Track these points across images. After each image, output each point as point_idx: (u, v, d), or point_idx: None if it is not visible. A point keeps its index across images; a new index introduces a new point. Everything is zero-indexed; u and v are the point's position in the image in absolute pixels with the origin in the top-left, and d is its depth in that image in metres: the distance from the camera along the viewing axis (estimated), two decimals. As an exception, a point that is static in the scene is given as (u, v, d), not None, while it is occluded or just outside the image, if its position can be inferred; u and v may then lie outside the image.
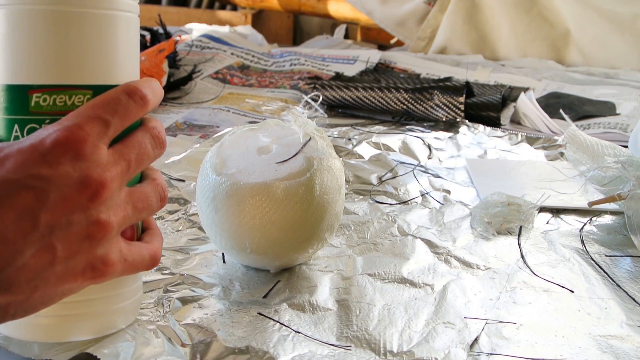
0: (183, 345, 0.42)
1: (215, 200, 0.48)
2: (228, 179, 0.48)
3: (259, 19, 1.86)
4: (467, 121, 0.92)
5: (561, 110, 0.84)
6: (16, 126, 0.36)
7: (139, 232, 0.41)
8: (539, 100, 0.99)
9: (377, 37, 1.74)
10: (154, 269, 0.47)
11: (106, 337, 0.42)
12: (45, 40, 0.35)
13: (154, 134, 0.38)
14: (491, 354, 0.42)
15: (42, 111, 0.36)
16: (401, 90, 0.95)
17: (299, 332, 0.43)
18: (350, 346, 0.42)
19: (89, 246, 0.34)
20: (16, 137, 0.36)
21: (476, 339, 0.43)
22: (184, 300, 0.47)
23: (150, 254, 0.39)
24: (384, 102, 0.96)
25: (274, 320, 0.45)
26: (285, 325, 0.44)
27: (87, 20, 0.35)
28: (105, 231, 0.35)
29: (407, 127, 0.90)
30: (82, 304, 0.38)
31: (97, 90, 0.36)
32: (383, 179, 0.72)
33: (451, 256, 0.55)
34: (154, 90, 0.39)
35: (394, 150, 0.80)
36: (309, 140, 0.50)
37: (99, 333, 0.40)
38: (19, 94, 0.35)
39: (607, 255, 0.56)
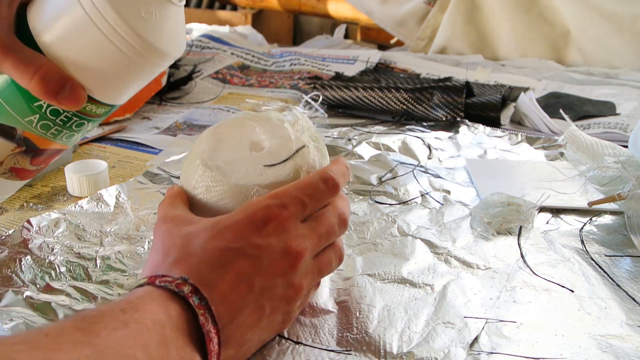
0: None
1: (195, 190, 0.46)
2: (212, 172, 0.46)
3: (259, 19, 1.86)
4: (467, 121, 0.92)
5: (561, 110, 0.84)
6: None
7: None
8: (539, 100, 0.99)
9: (377, 37, 1.74)
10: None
11: None
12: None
13: (340, 214, 0.44)
14: (491, 353, 0.42)
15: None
16: (401, 90, 0.95)
17: (299, 343, 0.43)
18: (350, 350, 0.42)
19: (285, 304, 0.40)
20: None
21: (476, 338, 0.43)
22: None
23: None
24: (384, 102, 0.96)
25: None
26: (285, 338, 0.43)
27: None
28: (298, 293, 0.41)
29: (407, 127, 0.90)
30: None
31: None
32: (383, 179, 0.72)
33: (451, 256, 0.55)
34: (344, 175, 0.46)
35: (394, 151, 0.80)
36: (302, 148, 0.47)
37: None
38: None
39: (607, 255, 0.56)
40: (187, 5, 2.09)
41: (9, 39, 0.40)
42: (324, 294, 0.48)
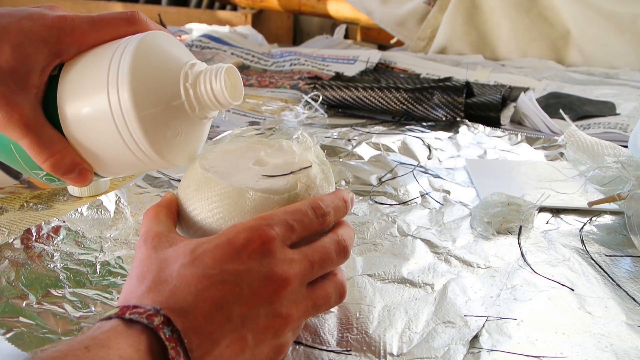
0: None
1: (189, 194, 0.45)
2: (208, 174, 0.44)
3: (259, 19, 1.86)
4: (467, 121, 0.92)
5: (561, 110, 0.84)
6: None
7: None
8: (539, 100, 0.99)
9: (377, 37, 1.74)
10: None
11: None
12: None
13: (341, 242, 0.41)
14: (492, 350, 0.42)
15: None
16: (401, 90, 0.95)
17: (299, 343, 0.43)
18: (350, 350, 0.42)
19: (272, 336, 0.37)
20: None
21: (476, 336, 0.43)
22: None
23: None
24: (384, 102, 0.96)
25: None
26: None
27: None
28: (287, 324, 0.37)
29: (407, 127, 0.90)
30: None
31: None
32: (383, 179, 0.72)
33: (451, 256, 0.55)
34: (338, 208, 0.43)
35: (394, 151, 0.80)
36: (307, 167, 0.46)
37: None
38: None
39: (607, 255, 0.56)
40: (187, 5, 2.09)
41: (32, 115, 0.41)
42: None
